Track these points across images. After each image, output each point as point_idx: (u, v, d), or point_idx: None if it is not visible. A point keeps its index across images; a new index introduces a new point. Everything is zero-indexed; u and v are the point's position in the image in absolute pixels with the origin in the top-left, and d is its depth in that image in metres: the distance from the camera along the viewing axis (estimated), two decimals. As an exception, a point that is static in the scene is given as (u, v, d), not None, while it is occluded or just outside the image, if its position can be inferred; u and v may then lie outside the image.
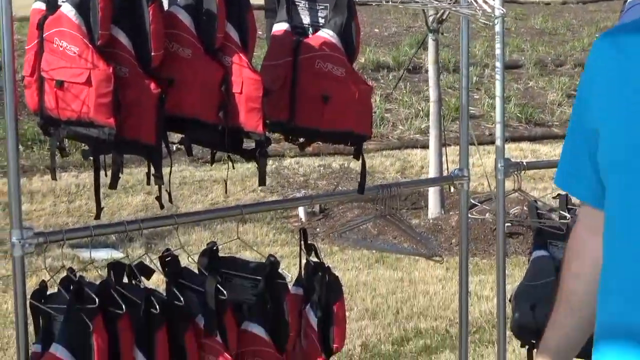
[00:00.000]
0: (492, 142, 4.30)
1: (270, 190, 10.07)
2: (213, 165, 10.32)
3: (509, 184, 4.33)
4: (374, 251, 8.16)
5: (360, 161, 3.24)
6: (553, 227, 4.07)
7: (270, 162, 11.00)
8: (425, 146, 10.65)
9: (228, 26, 2.98)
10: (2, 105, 2.82)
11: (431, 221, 8.88)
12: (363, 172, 3.28)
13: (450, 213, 8.89)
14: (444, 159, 8.83)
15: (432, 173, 9.05)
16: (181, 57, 2.98)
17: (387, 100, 13.30)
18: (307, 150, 11.39)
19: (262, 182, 3.17)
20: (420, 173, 10.68)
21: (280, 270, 3.15)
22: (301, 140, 3.33)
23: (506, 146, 3.89)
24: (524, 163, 4.16)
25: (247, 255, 3.51)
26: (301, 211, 9.21)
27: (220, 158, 3.32)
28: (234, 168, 3.27)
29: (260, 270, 3.13)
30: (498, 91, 4.11)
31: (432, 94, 9.06)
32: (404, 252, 7.45)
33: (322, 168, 10.90)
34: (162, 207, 3.07)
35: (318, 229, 8.94)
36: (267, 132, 3.02)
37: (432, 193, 9.02)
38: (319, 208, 9.36)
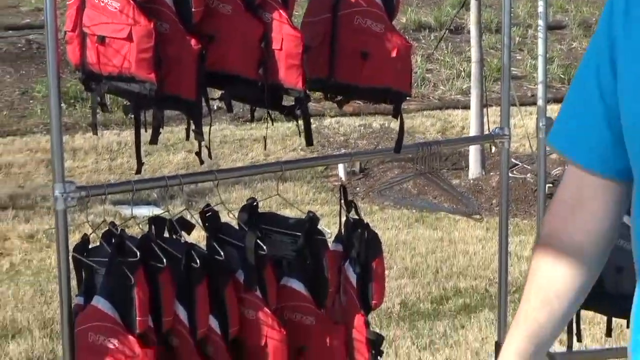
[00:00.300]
0: (534, 103, 4.27)
1: (311, 150, 10.08)
2: (254, 124, 10.42)
3: (550, 145, 4.31)
4: (413, 210, 8.16)
5: (399, 120, 3.23)
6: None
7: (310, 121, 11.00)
8: (466, 107, 10.60)
9: (269, -18, 2.97)
10: (44, 63, 2.85)
11: (471, 181, 8.85)
12: (401, 130, 3.27)
13: (491, 173, 8.86)
14: (485, 119, 8.78)
15: (472, 133, 9.02)
16: (222, 13, 2.98)
17: (428, 60, 13.23)
18: (347, 110, 11.38)
19: (309, 141, 3.15)
20: (461, 133, 10.64)
21: (319, 227, 3.16)
22: (340, 97, 3.32)
23: (548, 107, 3.86)
24: (566, 122, 4.12)
25: (287, 213, 3.52)
26: (341, 170, 9.22)
27: (261, 117, 3.33)
28: (273, 125, 3.28)
29: (299, 227, 3.14)
30: (540, 50, 4.07)
31: (474, 54, 9.00)
32: (444, 210, 7.45)
33: (362, 128, 10.89)
34: (201, 162, 3.09)
35: (358, 189, 8.95)
36: (306, 90, 3.02)
37: (473, 153, 8.99)
38: (359, 167, 9.36)
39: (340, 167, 9.21)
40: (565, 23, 15.20)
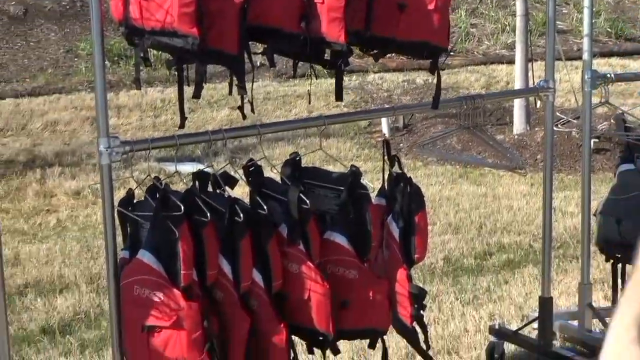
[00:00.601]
0: (580, 58, 4.21)
1: (354, 106, 10.07)
2: (297, 80, 10.40)
3: (596, 100, 4.25)
4: (457, 166, 8.13)
5: (435, 75, 3.21)
6: (641, 140, 4.00)
7: (354, 77, 10.98)
8: (511, 61, 10.51)
9: (309, -64, 2.95)
10: (88, 21, 2.86)
11: (516, 137, 8.79)
12: (438, 86, 3.24)
13: (536, 129, 8.79)
14: (530, 74, 8.70)
15: (517, 88, 8.94)
16: (263, -34, 2.96)
17: (472, 14, 13.10)
18: (391, 66, 11.33)
19: (338, 96, 3.13)
20: (506, 89, 10.56)
21: (362, 181, 3.16)
22: (376, 51, 3.28)
23: (595, 61, 3.81)
24: (612, 75, 4.08)
25: (331, 169, 3.52)
26: (385, 126, 9.19)
27: (304, 73, 3.32)
28: (316, 78, 3.27)
29: (342, 181, 3.14)
30: (586, 2, 4.01)
31: (519, 7, 8.90)
32: (488, 165, 7.41)
33: (405, 83, 10.84)
34: (244, 117, 3.09)
35: (401, 144, 8.93)
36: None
37: (517, 108, 8.92)
38: (402, 123, 9.32)
39: (384, 123, 9.18)
40: (612, -24, 14.97)
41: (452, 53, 11.64)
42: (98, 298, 5.15)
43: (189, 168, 6.75)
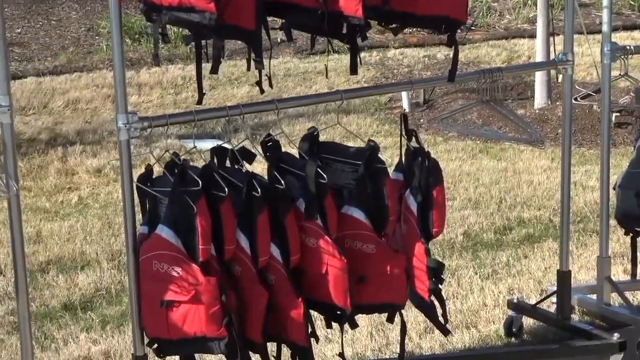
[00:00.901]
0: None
1: (375, 82, 10.04)
2: (317, 57, 10.38)
3: (616, 73, 4.23)
4: (477, 141, 8.10)
5: (453, 49, 3.20)
6: (660, 114, 3.99)
7: (374, 53, 10.95)
8: (532, 36, 10.43)
9: None
10: None
11: (537, 111, 8.75)
12: (455, 59, 3.23)
13: (557, 103, 8.74)
14: (551, 48, 8.64)
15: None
16: (280, -59, 2.96)
17: (494, -11, 13.04)
18: (412, 41, 11.29)
19: (353, 70, 3.13)
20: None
21: (380, 155, 3.16)
22: (395, 25, 3.27)
23: (617, 35, 3.82)
24: (631, 47, 4.06)
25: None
26: (405, 101, 9.17)
27: (324, 50, 3.31)
28: (334, 52, 3.27)
29: (360, 155, 3.15)
30: (606, -27, 3.99)
31: (541, -19, 8.84)
32: (508, 139, 7.38)
33: (426, 59, 10.80)
34: (262, 91, 3.10)
35: (421, 120, 8.91)
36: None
37: (539, 83, 8.87)
38: (422, 99, 9.29)
39: (404, 98, 9.16)
40: (635, -52, 14.84)
41: (473, 27, 11.58)
42: (119, 274, 5.19)
43: (209, 145, 6.77)
